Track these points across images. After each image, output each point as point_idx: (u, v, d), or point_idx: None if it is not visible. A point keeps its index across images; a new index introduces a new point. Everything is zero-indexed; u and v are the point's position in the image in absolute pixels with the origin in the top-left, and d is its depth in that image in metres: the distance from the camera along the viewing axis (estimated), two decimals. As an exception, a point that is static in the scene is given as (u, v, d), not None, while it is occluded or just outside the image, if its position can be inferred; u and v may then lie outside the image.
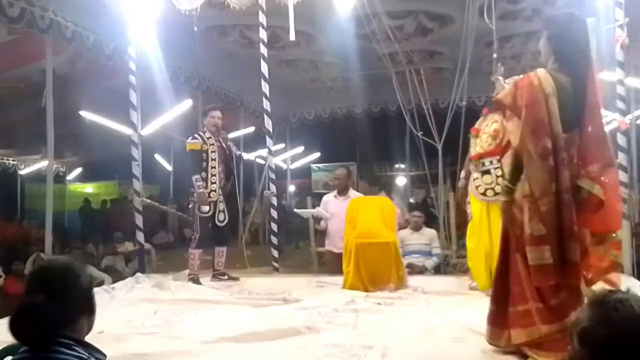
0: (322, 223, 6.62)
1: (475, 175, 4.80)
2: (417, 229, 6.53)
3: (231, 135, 6.73)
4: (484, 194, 4.71)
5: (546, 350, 2.85)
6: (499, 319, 3.05)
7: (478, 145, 4.84)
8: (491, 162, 4.73)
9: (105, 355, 1.68)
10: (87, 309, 1.71)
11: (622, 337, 1.14)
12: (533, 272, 2.87)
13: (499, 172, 4.64)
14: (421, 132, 7.89)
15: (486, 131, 4.81)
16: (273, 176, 6.63)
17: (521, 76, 3.09)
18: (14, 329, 1.54)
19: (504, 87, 4.48)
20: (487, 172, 4.73)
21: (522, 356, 3.04)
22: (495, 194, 4.64)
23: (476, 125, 4.98)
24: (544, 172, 2.82)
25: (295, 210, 6.87)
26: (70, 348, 1.57)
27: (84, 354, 1.58)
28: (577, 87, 2.90)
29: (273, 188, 6.55)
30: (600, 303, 1.20)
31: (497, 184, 4.62)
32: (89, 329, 1.73)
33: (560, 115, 2.84)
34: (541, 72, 2.92)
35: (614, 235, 3.07)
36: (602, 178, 2.91)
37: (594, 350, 1.17)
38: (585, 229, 2.91)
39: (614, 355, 1.14)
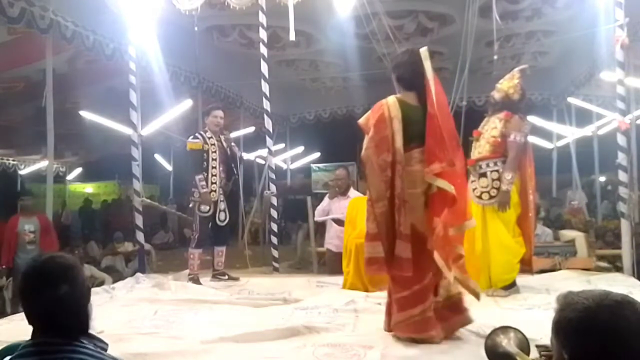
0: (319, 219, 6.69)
1: (472, 178, 4.80)
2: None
3: (231, 135, 6.72)
4: (479, 197, 4.71)
5: (411, 331, 3.32)
6: (388, 309, 3.53)
7: (477, 149, 4.85)
8: (487, 165, 4.74)
9: (107, 344, 1.69)
10: (89, 299, 1.71)
11: (591, 313, 1.20)
12: (366, 264, 3.45)
13: (495, 176, 4.67)
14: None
15: (485, 136, 4.83)
16: (273, 176, 6.63)
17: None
18: (47, 319, 1.55)
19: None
20: (484, 175, 4.74)
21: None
22: (491, 197, 4.66)
23: (479, 128, 4.99)
24: (381, 180, 3.34)
25: (316, 219, 6.94)
26: (78, 340, 1.57)
27: (90, 346, 1.59)
28: (422, 103, 3.40)
29: (273, 188, 6.55)
30: (564, 296, 1.28)
31: (493, 187, 4.66)
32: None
33: (410, 132, 3.35)
34: (391, 99, 3.46)
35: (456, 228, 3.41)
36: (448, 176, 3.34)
37: (567, 335, 1.22)
38: (438, 221, 3.31)
39: (585, 333, 1.19)
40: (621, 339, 1.17)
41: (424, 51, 3.51)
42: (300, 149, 14.20)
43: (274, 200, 6.50)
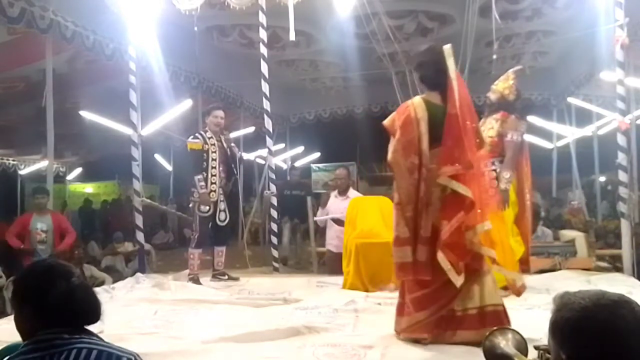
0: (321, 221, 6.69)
1: None
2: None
3: (231, 135, 6.73)
4: None
5: (423, 331, 3.29)
6: (400, 310, 3.48)
7: None
8: (485, 165, 4.75)
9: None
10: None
11: (588, 312, 1.20)
12: (396, 269, 3.40)
13: (493, 175, 4.67)
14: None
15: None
16: (273, 176, 6.64)
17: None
18: (58, 312, 1.58)
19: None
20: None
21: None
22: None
23: None
24: (410, 183, 3.30)
25: (315, 219, 6.96)
26: (82, 334, 1.60)
27: (94, 338, 1.63)
28: (446, 102, 3.33)
29: (273, 188, 6.55)
30: (561, 296, 1.29)
31: (490, 187, 4.66)
32: None
33: (435, 132, 3.28)
34: (416, 99, 3.41)
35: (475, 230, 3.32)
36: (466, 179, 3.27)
37: (565, 334, 1.22)
38: (446, 223, 3.22)
39: (583, 332, 1.20)
40: (619, 338, 1.17)
41: (447, 48, 3.41)
42: (300, 149, 14.19)
43: (274, 200, 6.50)
